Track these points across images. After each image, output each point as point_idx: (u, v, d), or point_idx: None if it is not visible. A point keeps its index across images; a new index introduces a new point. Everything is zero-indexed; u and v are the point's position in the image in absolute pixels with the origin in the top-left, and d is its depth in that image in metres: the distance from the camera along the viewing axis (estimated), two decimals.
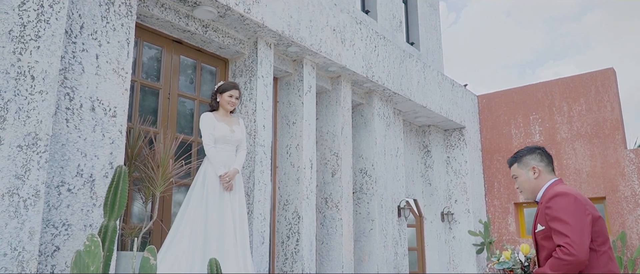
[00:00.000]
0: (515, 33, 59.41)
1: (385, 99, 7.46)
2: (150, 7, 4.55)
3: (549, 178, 2.84)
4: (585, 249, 2.44)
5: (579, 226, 2.47)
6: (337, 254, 6.11)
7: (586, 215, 2.51)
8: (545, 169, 2.86)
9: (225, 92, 4.48)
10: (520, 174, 2.94)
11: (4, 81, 3.16)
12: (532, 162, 2.89)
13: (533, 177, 2.86)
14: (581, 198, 2.58)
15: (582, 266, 2.45)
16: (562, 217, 2.51)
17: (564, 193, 2.59)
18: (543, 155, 2.91)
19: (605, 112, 8.46)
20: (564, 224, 2.50)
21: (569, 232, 2.46)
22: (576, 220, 2.48)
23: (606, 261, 2.54)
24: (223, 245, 4.11)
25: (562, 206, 2.54)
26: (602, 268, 2.51)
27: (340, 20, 6.40)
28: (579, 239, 2.44)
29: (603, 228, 2.60)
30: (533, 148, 2.95)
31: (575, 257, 2.42)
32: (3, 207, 3.03)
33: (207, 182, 4.18)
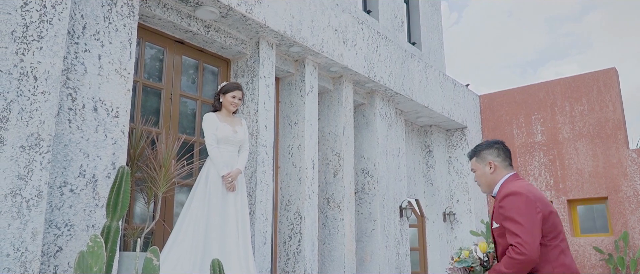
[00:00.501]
0: (516, 33, 59.36)
1: (387, 99, 7.46)
2: (153, 8, 4.55)
3: (504, 173, 2.87)
4: (536, 248, 2.51)
5: (530, 225, 2.54)
6: (339, 254, 6.10)
7: (537, 213, 2.57)
8: (501, 164, 2.89)
9: (228, 93, 4.48)
10: (478, 168, 2.97)
11: (7, 82, 3.17)
12: (489, 157, 2.92)
13: (489, 172, 2.89)
14: (533, 196, 2.62)
15: (533, 263, 2.53)
16: (514, 217, 2.58)
17: (517, 192, 2.64)
18: (500, 150, 2.93)
19: (607, 112, 8.45)
20: (515, 224, 2.56)
21: (520, 232, 2.53)
22: (527, 220, 2.55)
23: (558, 254, 2.61)
24: (225, 245, 4.11)
25: (514, 205, 2.60)
26: (553, 262, 2.59)
27: (342, 20, 6.40)
28: (530, 238, 2.51)
29: (556, 222, 2.66)
30: (492, 143, 2.98)
31: (526, 256, 2.50)
32: (6, 207, 3.03)
33: (209, 182, 4.18)
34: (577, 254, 8.30)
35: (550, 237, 2.61)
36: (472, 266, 2.93)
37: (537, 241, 2.53)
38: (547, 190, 8.75)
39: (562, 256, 2.62)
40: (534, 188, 2.73)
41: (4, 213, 3.02)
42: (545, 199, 2.68)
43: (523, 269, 2.54)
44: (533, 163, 8.98)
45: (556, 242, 2.62)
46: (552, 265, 2.58)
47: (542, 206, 2.62)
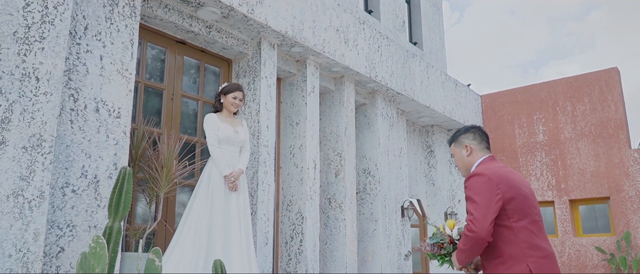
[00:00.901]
0: (518, 32, 59.28)
1: (388, 99, 7.45)
2: (154, 8, 4.56)
3: (480, 155, 2.94)
4: (486, 226, 2.56)
5: (485, 204, 2.59)
6: (341, 254, 6.10)
7: (495, 194, 2.60)
8: (477, 147, 2.96)
9: (229, 93, 4.48)
10: (456, 152, 3.05)
11: (9, 83, 3.17)
12: (465, 141, 2.99)
13: (465, 154, 2.97)
14: (496, 178, 2.66)
15: (484, 242, 2.60)
16: (472, 196, 2.65)
17: (479, 173, 2.71)
18: (476, 134, 3.00)
19: (609, 112, 8.43)
20: (472, 202, 2.64)
21: (474, 210, 2.60)
22: (483, 199, 2.60)
23: (526, 235, 2.63)
24: (228, 245, 4.11)
25: (474, 185, 2.68)
26: (521, 243, 2.61)
27: (343, 20, 6.39)
28: (482, 217, 2.57)
29: (523, 205, 2.67)
30: (469, 127, 3.06)
31: (475, 233, 2.57)
32: (8, 208, 3.04)
33: (212, 182, 4.18)
34: (579, 254, 8.29)
35: (516, 218, 2.64)
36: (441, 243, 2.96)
37: (489, 220, 2.57)
38: (549, 190, 8.74)
39: (533, 236, 2.64)
40: (505, 170, 2.77)
41: (6, 214, 3.02)
42: (514, 182, 2.70)
43: (475, 246, 2.62)
44: (535, 163, 8.96)
45: (523, 223, 2.64)
46: (519, 246, 2.61)
47: (506, 188, 2.65)
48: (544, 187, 8.80)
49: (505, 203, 2.63)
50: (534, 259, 2.59)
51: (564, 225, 8.51)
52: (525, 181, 2.83)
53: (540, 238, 2.66)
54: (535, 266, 2.58)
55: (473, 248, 2.64)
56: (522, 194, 2.69)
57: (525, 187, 2.75)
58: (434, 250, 2.98)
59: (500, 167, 2.78)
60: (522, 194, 2.69)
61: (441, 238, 2.95)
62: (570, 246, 8.38)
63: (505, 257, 2.63)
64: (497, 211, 2.60)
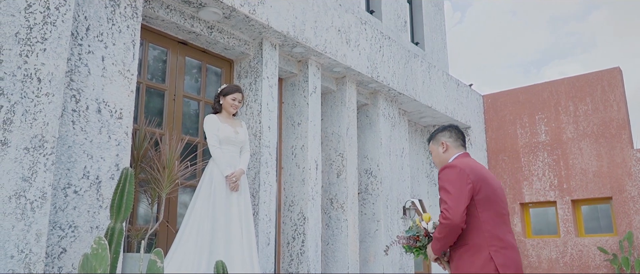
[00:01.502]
0: (520, 32, 59.20)
1: (390, 100, 7.44)
2: (156, 9, 4.56)
3: (455, 152, 3.11)
4: (460, 213, 2.72)
5: (457, 194, 2.75)
6: (343, 255, 6.10)
7: (467, 184, 2.77)
8: (453, 144, 3.13)
9: (229, 95, 4.48)
10: (433, 149, 3.22)
11: (11, 84, 3.17)
12: (442, 138, 3.16)
13: (442, 151, 3.14)
14: (468, 169, 2.83)
15: (458, 228, 2.75)
16: (445, 186, 2.82)
17: (451, 166, 2.89)
18: (452, 132, 3.17)
19: (611, 112, 8.42)
20: (446, 192, 2.80)
21: (448, 199, 2.77)
22: (455, 189, 2.77)
23: (490, 226, 2.81)
24: (230, 246, 4.11)
25: (446, 176, 2.85)
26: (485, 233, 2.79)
27: (345, 20, 6.39)
28: (455, 205, 2.73)
29: (490, 197, 2.85)
30: (446, 126, 3.23)
31: (450, 221, 2.72)
32: (10, 209, 3.04)
33: (213, 183, 4.18)
34: (581, 254, 8.27)
35: (482, 209, 2.81)
36: (417, 236, 3.08)
37: (462, 208, 2.73)
38: (551, 190, 8.72)
39: (497, 228, 2.81)
40: (477, 165, 2.95)
41: (8, 215, 3.03)
42: (483, 176, 2.88)
43: (450, 233, 2.77)
44: (537, 163, 8.95)
45: (488, 214, 2.81)
46: (484, 235, 2.78)
47: (476, 179, 2.82)
48: (546, 188, 8.79)
49: (474, 194, 2.80)
50: (496, 248, 2.76)
51: (566, 225, 8.50)
52: (494, 177, 3.02)
53: (503, 230, 2.83)
54: (496, 255, 2.74)
55: (448, 235, 2.78)
56: (490, 188, 2.87)
57: (494, 182, 2.93)
58: (410, 243, 3.10)
59: (472, 162, 2.96)
60: (490, 187, 2.87)
61: (417, 231, 3.07)
62: (572, 246, 8.37)
63: (470, 245, 2.80)
64: (468, 200, 2.77)
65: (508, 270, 2.74)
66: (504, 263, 2.75)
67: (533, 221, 9.07)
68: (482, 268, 2.74)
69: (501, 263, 2.74)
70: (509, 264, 2.77)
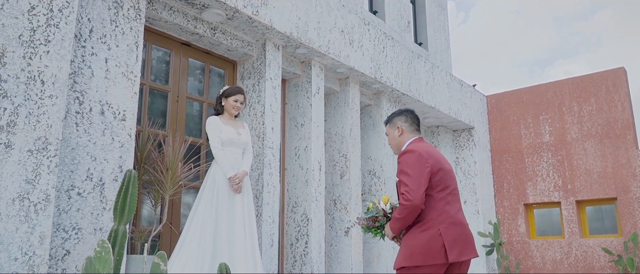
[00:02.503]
0: (524, 32, 59.02)
1: (393, 100, 7.43)
2: (159, 10, 4.56)
3: (410, 136, 3.31)
4: (420, 195, 2.93)
5: (417, 177, 2.96)
6: (346, 256, 6.09)
7: (425, 168, 2.99)
8: (408, 128, 3.32)
9: (231, 96, 4.48)
10: (390, 132, 3.40)
11: (14, 86, 3.17)
12: (398, 122, 3.35)
13: (397, 134, 3.33)
14: (425, 154, 3.05)
15: (418, 209, 2.95)
16: (406, 170, 3.01)
17: (411, 150, 3.10)
18: (408, 116, 3.36)
19: (616, 112, 8.38)
20: (406, 175, 2.99)
21: (408, 182, 2.96)
22: (415, 172, 2.97)
23: (443, 205, 3.03)
24: (233, 247, 4.10)
25: (406, 161, 3.05)
26: (438, 209, 3.01)
27: (348, 21, 6.38)
28: (416, 187, 2.93)
29: (445, 178, 3.08)
30: (402, 110, 3.40)
31: (411, 202, 2.92)
32: (14, 211, 3.04)
33: (216, 184, 4.18)
34: (585, 255, 8.23)
35: (438, 189, 3.04)
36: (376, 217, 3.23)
37: (422, 190, 2.94)
38: (556, 191, 8.69)
39: (448, 205, 3.04)
40: (432, 149, 3.18)
41: (12, 217, 3.03)
42: (438, 158, 3.12)
43: (411, 213, 2.97)
44: (541, 164, 8.92)
45: (443, 194, 3.05)
46: (437, 212, 3.01)
47: (433, 162, 3.04)
48: (551, 188, 8.75)
49: (432, 176, 3.02)
50: (446, 225, 2.98)
51: (570, 226, 8.46)
52: (446, 159, 3.25)
53: (454, 208, 3.08)
54: (445, 230, 2.97)
55: (408, 215, 2.98)
56: (444, 169, 3.10)
57: (447, 164, 3.18)
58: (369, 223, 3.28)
59: (427, 146, 3.18)
60: (444, 169, 3.10)
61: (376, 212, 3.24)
62: (577, 247, 8.34)
63: (423, 222, 3.01)
64: (427, 182, 2.99)
65: (455, 245, 2.96)
66: (451, 239, 2.97)
67: (537, 221, 9.04)
68: (429, 242, 2.95)
69: (450, 238, 2.96)
70: (457, 239, 2.99)
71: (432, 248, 2.95)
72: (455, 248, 2.97)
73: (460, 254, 3.00)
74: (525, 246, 8.82)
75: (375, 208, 3.28)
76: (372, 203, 3.35)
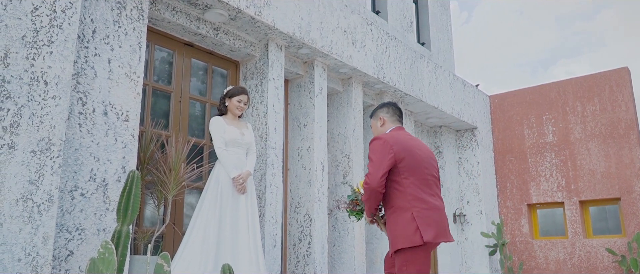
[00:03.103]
0: (527, 31, 58.89)
1: (396, 100, 7.42)
2: (162, 11, 4.56)
3: (391, 126, 3.50)
4: (378, 179, 3.13)
5: (378, 162, 3.16)
6: (349, 256, 6.08)
7: (388, 154, 3.17)
8: (390, 119, 3.52)
9: (234, 97, 4.47)
10: (373, 124, 3.62)
11: (18, 87, 3.17)
12: (380, 114, 3.56)
13: (379, 125, 3.54)
14: (392, 141, 3.22)
15: (377, 192, 3.15)
16: (370, 155, 3.25)
17: (378, 138, 3.29)
18: (390, 108, 3.55)
19: (619, 112, 8.35)
20: (370, 161, 3.22)
21: (370, 167, 3.20)
22: (377, 158, 3.18)
23: (414, 189, 3.18)
24: (237, 248, 4.10)
25: (372, 147, 3.27)
26: (408, 196, 3.16)
27: (351, 21, 6.37)
28: (374, 172, 3.14)
29: (413, 165, 3.23)
30: (385, 103, 3.61)
31: (369, 185, 3.15)
32: (17, 212, 3.04)
33: (220, 185, 4.18)
34: (589, 255, 8.21)
35: (405, 176, 3.19)
36: (356, 200, 3.45)
37: (380, 175, 3.13)
38: (559, 191, 8.67)
39: (419, 190, 3.19)
40: (406, 137, 3.35)
41: (15, 218, 3.03)
42: (409, 146, 3.27)
43: (371, 195, 3.18)
44: (544, 164, 8.89)
45: (411, 180, 3.18)
46: (407, 198, 3.15)
47: (399, 149, 3.20)
48: (554, 189, 8.73)
49: (397, 162, 3.17)
50: (418, 209, 3.12)
51: (574, 226, 8.44)
52: (424, 148, 3.40)
53: (426, 193, 3.20)
54: (418, 215, 3.11)
55: (370, 197, 3.19)
56: (414, 157, 3.25)
57: (421, 152, 3.32)
58: (350, 207, 3.50)
59: (401, 134, 3.35)
60: (414, 156, 3.25)
61: (356, 196, 3.46)
62: (580, 247, 8.31)
63: (395, 207, 3.18)
64: (388, 168, 3.15)
65: (429, 228, 3.08)
66: (424, 221, 3.10)
67: (540, 222, 9.02)
68: (405, 227, 3.10)
69: (422, 221, 3.09)
70: (430, 223, 3.12)
71: (409, 231, 3.10)
72: (430, 230, 3.09)
73: (436, 236, 3.12)
74: (529, 246, 8.80)
75: (355, 192, 3.49)
76: (353, 188, 3.57)
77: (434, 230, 3.10)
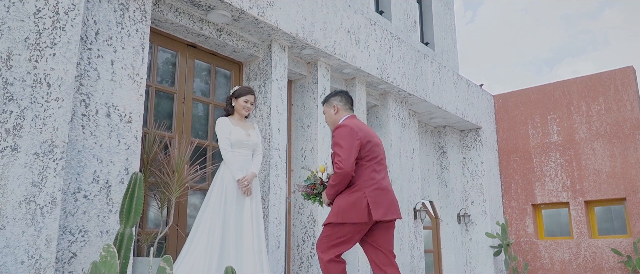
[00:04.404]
0: (532, 30, 58.68)
1: (400, 101, 7.40)
2: (165, 12, 4.55)
3: (344, 114, 3.76)
4: (351, 163, 3.38)
5: (348, 148, 3.39)
6: (353, 257, 6.06)
7: (355, 140, 3.43)
8: (343, 107, 3.77)
9: (241, 97, 4.45)
10: (327, 110, 3.85)
11: (20, 89, 3.17)
12: (334, 102, 3.80)
13: (333, 113, 3.78)
14: (356, 128, 3.49)
15: (349, 176, 3.39)
16: (339, 142, 3.44)
17: (343, 125, 3.54)
18: (343, 97, 3.81)
19: (625, 112, 8.30)
20: (339, 147, 3.42)
21: (340, 152, 3.40)
22: (346, 144, 3.40)
23: (370, 172, 3.47)
24: (241, 250, 4.09)
25: (340, 134, 3.48)
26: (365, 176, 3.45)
27: (354, 21, 6.35)
28: (346, 157, 3.37)
29: (374, 149, 3.53)
30: (338, 92, 3.86)
31: (343, 169, 3.36)
32: (20, 215, 3.04)
33: (225, 186, 4.16)
34: (594, 256, 8.16)
35: (367, 159, 3.49)
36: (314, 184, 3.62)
37: (352, 159, 3.38)
38: (564, 191, 8.62)
39: (374, 173, 3.49)
40: (362, 125, 3.61)
41: (18, 220, 3.02)
42: (368, 133, 3.57)
43: (342, 180, 3.40)
44: (549, 164, 8.85)
45: (371, 163, 3.49)
46: (364, 179, 3.44)
47: (362, 135, 3.49)
48: (559, 189, 8.69)
49: (361, 148, 3.46)
50: (371, 189, 3.42)
51: (579, 227, 8.40)
52: (376, 135, 3.71)
53: (380, 175, 3.52)
54: (370, 193, 3.41)
55: (341, 182, 3.41)
56: (373, 143, 3.56)
57: (376, 139, 3.65)
58: (307, 191, 3.67)
59: (359, 122, 3.62)
60: (372, 142, 3.55)
61: (314, 180, 3.64)
62: (585, 248, 8.27)
63: (354, 186, 3.44)
64: (357, 152, 3.43)
65: (378, 206, 3.38)
66: (375, 200, 3.40)
67: (545, 222, 8.98)
68: (355, 203, 3.38)
69: (373, 199, 3.39)
70: (379, 202, 3.41)
71: (357, 208, 3.37)
72: (380, 208, 3.39)
73: (385, 214, 3.43)
74: (534, 246, 8.76)
75: (313, 176, 3.67)
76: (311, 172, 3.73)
77: (383, 208, 3.41)
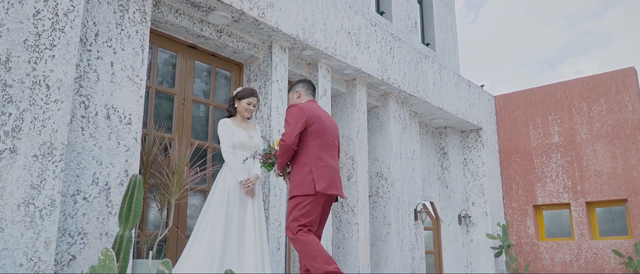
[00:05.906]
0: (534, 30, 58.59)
1: (401, 101, 7.38)
2: (165, 13, 4.54)
3: (305, 98, 4.06)
4: (293, 138, 3.72)
5: (293, 124, 3.74)
6: (354, 258, 6.05)
7: (301, 118, 3.75)
8: (305, 93, 4.09)
9: (244, 99, 4.41)
10: (290, 96, 4.17)
11: (20, 91, 3.16)
12: (297, 88, 4.12)
13: (296, 97, 4.10)
14: (305, 108, 3.81)
15: (291, 149, 3.74)
16: (287, 118, 3.82)
17: (294, 105, 3.86)
18: (305, 84, 4.13)
19: (626, 113, 8.28)
20: (286, 123, 3.81)
21: (286, 128, 3.78)
22: (293, 121, 3.76)
23: (316, 150, 3.79)
24: (243, 251, 4.07)
25: (289, 112, 3.83)
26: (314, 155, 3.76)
27: (355, 22, 6.34)
28: (290, 132, 3.73)
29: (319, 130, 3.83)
30: (301, 80, 4.18)
31: (285, 142, 3.73)
32: (19, 217, 3.03)
33: (227, 188, 4.13)
34: (595, 257, 8.14)
35: (313, 137, 3.79)
36: (269, 154, 3.98)
37: (295, 134, 3.72)
38: (565, 192, 8.60)
39: (320, 151, 3.80)
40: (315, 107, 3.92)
41: (17, 223, 3.01)
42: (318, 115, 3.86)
43: (285, 152, 3.76)
44: (550, 165, 8.83)
45: (316, 142, 3.80)
46: (310, 157, 3.76)
47: (310, 115, 3.80)
48: (560, 190, 8.67)
49: (308, 126, 3.78)
50: (317, 166, 3.74)
51: (580, 228, 8.38)
52: (331, 119, 4.05)
53: (326, 155, 3.84)
54: (315, 170, 3.72)
55: (284, 153, 3.77)
56: (321, 124, 3.86)
57: (328, 122, 3.96)
58: (264, 159, 4.01)
59: (313, 105, 3.94)
60: (321, 123, 3.86)
61: (270, 150, 3.99)
62: (586, 249, 8.25)
63: (300, 163, 3.78)
64: (301, 129, 3.75)
65: (322, 181, 3.70)
66: (319, 175, 3.71)
67: (546, 223, 8.95)
68: (304, 179, 3.71)
69: (317, 175, 3.70)
70: (323, 176, 3.72)
71: (306, 182, 3.70)
72: (323, 182, 3.70)
73: (328, 188, 3.74)
74: (535, 247, 8.74)
75: (270, 148, 4.02)
76: (269, 145, 4.07)
77: (326, 183, 3.72)
